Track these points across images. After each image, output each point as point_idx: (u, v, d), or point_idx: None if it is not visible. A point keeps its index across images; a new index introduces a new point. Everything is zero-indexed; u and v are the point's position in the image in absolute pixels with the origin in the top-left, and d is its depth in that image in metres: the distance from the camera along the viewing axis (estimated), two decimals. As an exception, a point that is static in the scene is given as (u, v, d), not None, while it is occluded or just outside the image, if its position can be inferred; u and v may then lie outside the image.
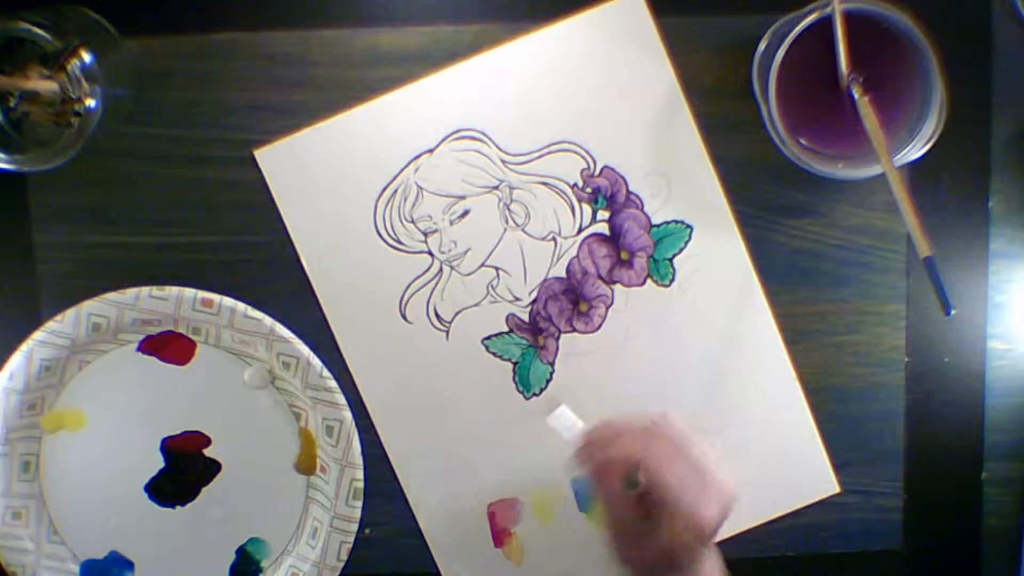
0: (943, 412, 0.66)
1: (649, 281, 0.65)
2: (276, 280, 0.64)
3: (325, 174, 0.64)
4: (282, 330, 0.64)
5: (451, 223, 0.64)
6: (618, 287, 0.65)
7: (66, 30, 0.56)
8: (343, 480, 0.65)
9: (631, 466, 0.54)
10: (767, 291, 0.65)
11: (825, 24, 0.56)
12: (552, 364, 0.65)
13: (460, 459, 0.66)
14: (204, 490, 0.66)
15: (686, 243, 0.65)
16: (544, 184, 0.64)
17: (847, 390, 0.66)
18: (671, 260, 0.65)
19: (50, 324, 0.63)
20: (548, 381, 0.65)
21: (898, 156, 0.58)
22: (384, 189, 0.64)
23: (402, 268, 0.64)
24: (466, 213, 0.64)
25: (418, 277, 0.64)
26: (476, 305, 0.65)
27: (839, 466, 0.66)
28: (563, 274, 0.65)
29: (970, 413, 0.66)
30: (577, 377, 0.65)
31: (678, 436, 0.55)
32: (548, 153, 0.64)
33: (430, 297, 0.64)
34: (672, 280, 0.65)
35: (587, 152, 0.64)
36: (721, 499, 0.54)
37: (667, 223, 0.65)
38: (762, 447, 0.66)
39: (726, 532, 0.65)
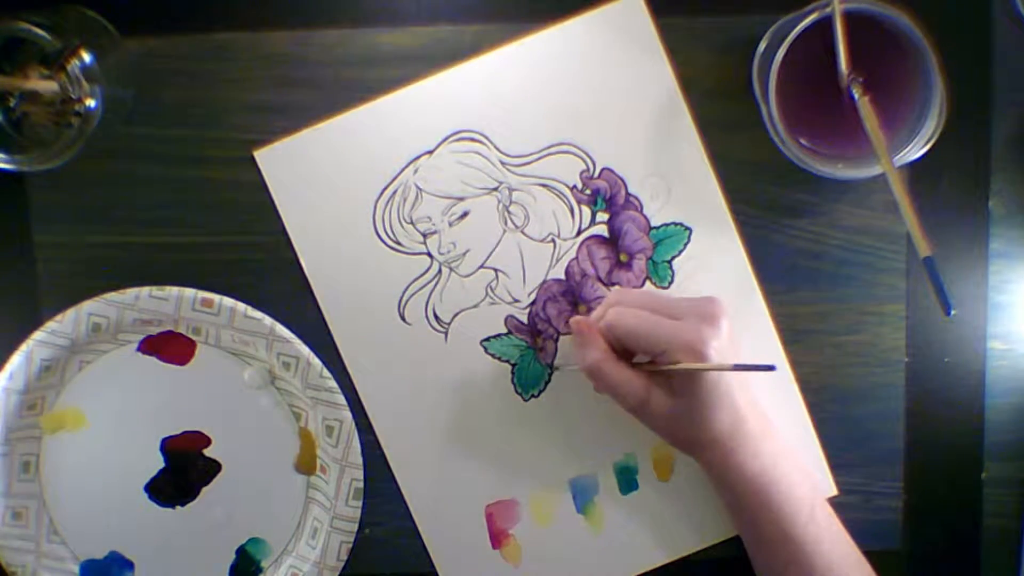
0: (943, 412, 0.66)
1: (648, 283, 0.65)
2: (276, 280, 0.64)
3: (324, 175, 0.64)
4: (282, 330, 0.64)
5: (450, 224, 0.64)
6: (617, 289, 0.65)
7: (66, 30, 0.56)
8: (343, 480, 0.65)
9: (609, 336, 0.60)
10: (767, 292, 0.65)
11: (825, 24, 0.56)
12: (551, 366, 0.65)
13: (458, 460, 0.66)
14: (204, 490, 0.66)
15: (685, 245, 0.65)
16: (543, 186, 0.64)
17: (847, 390, 0.66)
18: (670, 262, 0.65)
19: (50, 324, 0.63)
20: (546, 383, 0.65)
21: (898, 156, 0.58)
22: (383, 190, 0.64)
23: (401, 269, 0.64)
24: (465, 214, 0.64)
25: (417, 278, 0.64)
26: (475, 306, 0.65)
27: (839, 466, 0.66)
28: (562, 276, 0.65)
29: (970, 413, 0.66)
30: (576, 379, 0.65)
31: (631, 294, 0.62)
32: (547, 155, 0.64)
33: (429, 298, 0.64)
34: (671, 282, 0.65)
35: (586, 154, 0.64)
36: (699, 312, 0.58)
37: (666, 225, 0.65)
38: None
39: (726, 533, 0.66)
